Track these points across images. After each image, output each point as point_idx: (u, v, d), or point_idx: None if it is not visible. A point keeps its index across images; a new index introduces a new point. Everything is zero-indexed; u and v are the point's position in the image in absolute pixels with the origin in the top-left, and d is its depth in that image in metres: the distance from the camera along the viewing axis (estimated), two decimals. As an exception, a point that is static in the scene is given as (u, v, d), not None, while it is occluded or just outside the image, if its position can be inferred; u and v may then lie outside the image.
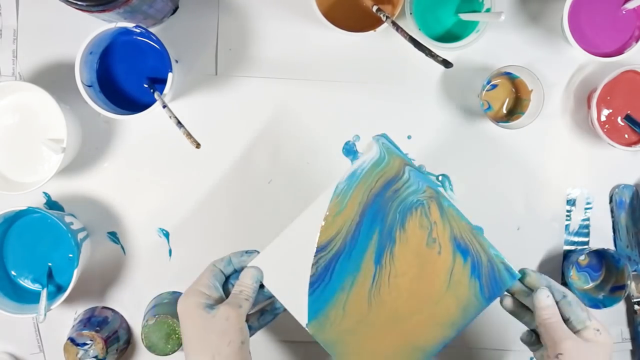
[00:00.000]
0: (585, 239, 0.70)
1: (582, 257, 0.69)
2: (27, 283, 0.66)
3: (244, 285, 0.54)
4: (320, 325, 0.55)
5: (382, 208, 0.55)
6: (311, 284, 0.55)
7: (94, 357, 0.62)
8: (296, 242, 0.56)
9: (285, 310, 0.56)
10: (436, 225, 0.55)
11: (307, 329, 0.56)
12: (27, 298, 0.64)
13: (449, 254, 0.55)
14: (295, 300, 0.55)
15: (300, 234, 0.56)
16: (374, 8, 0.59)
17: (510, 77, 0.66)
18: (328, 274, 0.55)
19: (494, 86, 0.67)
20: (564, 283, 0.68)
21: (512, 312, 0.57)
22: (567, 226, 0.69)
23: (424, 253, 0.55)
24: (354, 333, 0.56)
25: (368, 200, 0.55)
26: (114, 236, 0.68)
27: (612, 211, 0.70)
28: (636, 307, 0.69)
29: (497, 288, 0.55)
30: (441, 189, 0.64)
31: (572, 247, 0.69)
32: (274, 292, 0.56)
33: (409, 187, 0.55)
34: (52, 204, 0.67)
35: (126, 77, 0.62)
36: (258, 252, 0.56)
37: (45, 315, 0.60)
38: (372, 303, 0.55)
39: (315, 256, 0.55)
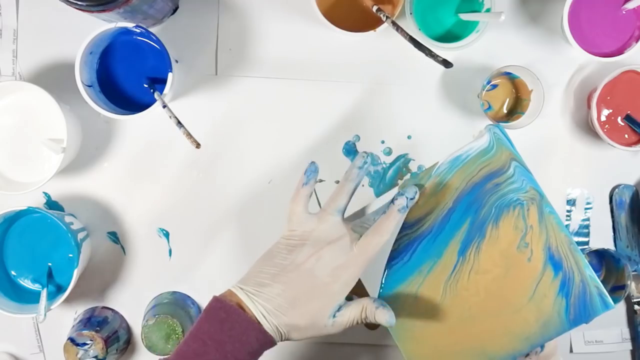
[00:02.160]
0: (585, 239, 0.70)
1: (582, 257, 0.69)
2: (27, 283, 0.66)
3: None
4: (389, 302, 0.52)
5: (478, 199, 0.53)
6: (390, 260, 0.54)
7: (94, 357, 0.62)
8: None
9: None
10: (532, 229, 0.52)
11: None
12: (27, 298, 0.64)
13: (540, 263, 0.51)
14: (370, 273, 0.53)
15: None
16: (374, 8, 0.59)
17: (510, 77, 0.66)
18: (409, 253, 0.53)
19: (494, 86, 0.67)
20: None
21: None
22: (567, 226, 0.69)
23: (512, 256, 0.52)
24: (421, 320, 0.53)
25: (466, 187, 0.53)
26: (114, 236, 0.68)
27: (612, 211, 0.70)
28: (636, 307, 0.69)
29: (584, 313, 0.51)
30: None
31: (572, 247, 0.69)
32: None
33: (512, 183, 0.52)
34: (52, 204, 0.67)
35: (126, 77, 0.62)
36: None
37: (45, 315, 0.60)
38: (446, 294, 0.53)
39: (400, 232, 0.53)
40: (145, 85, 0.61)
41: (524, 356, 0.53)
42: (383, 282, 0.54)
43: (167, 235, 0.68)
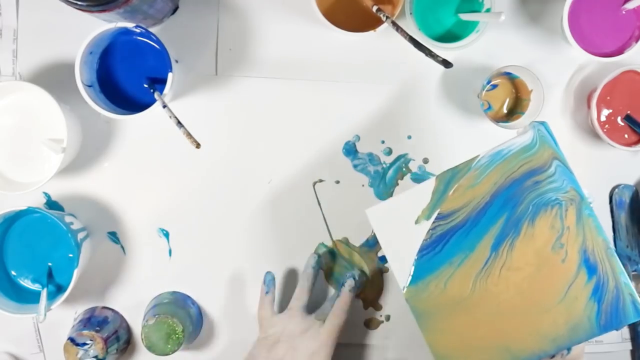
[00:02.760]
0: (585, 239, 0.70)
1: (582, 257, 0.69)
2: (27, 283, 0.66)
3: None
4: (417, 292, 0.53)
5: (516, 195, 0.52)
6: (421, 249, 0.53)
7: (94, 357, 0.62)
8: (419, 202, 0.53)
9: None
10: (568, 231, 0.52)
11: (403, 291, 0.54)
12: (27, 298, 0.64)
13: (574, 265, 0.51)
14: (400, 260, 0.53)
15: (424, 195, 0.53)
16: (374, 8, 0.59)
17: (510, 77, 0.66)
18: (441, 244, 0.53)
19: (494, 86, 0.67)
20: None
21: None
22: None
23: (546, 255, 0.52)
24: (448, 312, 0.53)
25: (504, 183, 0.52)
26: (114, 236, 0.68)
27: (612, 211, 0.70)
28: (636, 307, 0.69)
29: (616, 319, 0.51)
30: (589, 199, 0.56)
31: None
32: (382, 245, 0.54)
33: (552, 182, 0.52)
34: (52, 204, 0.67)
35: (126, 77, 0.62)
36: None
37: (45, 315, 0.60)
38: (475, 288, 0.52)
39: (434, 222, 0.53)
40: (145, 85, 0.61)
41: (549, 357, 0.53)
42: (413, 270, 0.53)
43: (167, 235, 0.68)
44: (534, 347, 0.52)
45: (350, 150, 0.68)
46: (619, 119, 0.66)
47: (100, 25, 0.58)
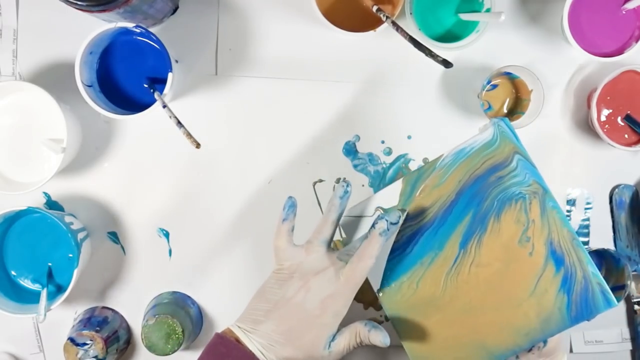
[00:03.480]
0: (585, 239, 0.70)
1: (582, 257, 0.69)
2: (27, 283, 0.66)
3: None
4: (391, 294, 0.54)
5: (481, 192, 0.53)
6: (392, 250, 0.54)
7: (94, 357, 0.62)
8: (388, 204, 0.54)
9: None
10: (534, 224, 0.52)
11: (378, 294, 0.54)
12: (27, 298, 0.64)
13: (541, 258, 0.51)
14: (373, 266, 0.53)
15: (392, 197, 0.54)
16: (374, 8, 0.59)
17: (510, 77, 0.66)
18: (411, 244, 0.54)
19: (494, 86, 0.67)
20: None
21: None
22: (567, 225, 0.69)
23: (513, 250, 0.52)
24: (422, 312, 0.53)
25: (469, 180, 0.53)
26: (114, 236, 0.68)
27: (612, 211, 0.70)
28: (636, 307, 0.69)
29: (586, 310, 0.50)
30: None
31: (572, 247, 0.69)
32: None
33: (515, 176, 0.52)
34: (52, 204, 0.67)
35: (126, 77, 0.62)
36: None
37: (45, 315, 0.60)
38: (446, 287, 0.53)
39: (403, 223, 0.53)
40: (145, 85, 0.61)
41: (526, 351, 0.53)
42: (384, 274, 0.54)
43: (167, 235, 0.68)
44: (509, 342, 0.52)
45: (350, 150, 0.68)
46: (619, 119, 0.66)
47: (100, 25, 0.58)
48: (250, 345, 0.50)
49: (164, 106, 0.56)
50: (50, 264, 0.65)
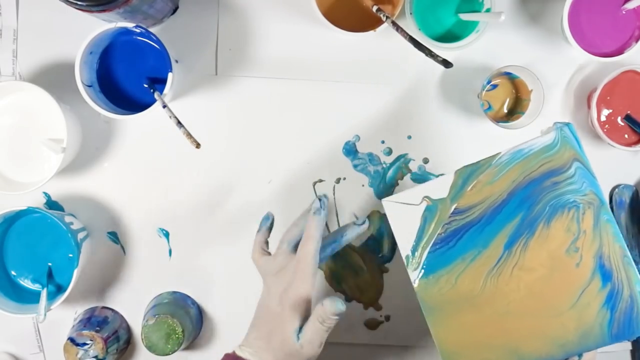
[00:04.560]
0: (585, 239, 0.70)
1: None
2: (27, 283, 0.66)
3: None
4: (427, 286, 0.52)
5: (533, 195, 0.51)
6: (435, 243, 0.53)
7: (94, 357, 0.62)
8: (436, 195, 0.53)
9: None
10: (585, 235, 0.50)
11: (414, 284, 0.53)
12: (27, 298, 0.64)
13: (588, 270, 0.50)
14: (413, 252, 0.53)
15: (441, 189, 0.53)
16: (374, 8, 0.59)
17: (510, 77, 0.66)
18: (455, 239, 0.52)
19: (494, 86, 0.67)
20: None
21: None
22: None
23: (560, 258, 0.51)
24: (457, 309, 0.52)
25: (523, 181, 0.52)
26: (114, 236, 0.68)
27: (612, 211, 0.70)
28: (636, 307, 0.69)
29: (629, 329, 0.49)
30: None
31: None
32: (396, 236, 0.53)
33: (571, 184, 0.51)
34: (52, 204, 0.67)
35: (126, 77, 0.62)
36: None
37: (45, 315, 0.60)
38: (486, 286, 0.52)
39: (450, 216, 0.53)
40: (145, 85, 0.61)
41: None
42: (425, 263, 0.53)
43: (167, 235, 0.68)
44: (542, 351, 0.51)
45: (350, 150, 0.68)
46: (619, 119, 0.66)
47: (100, 25, 0.58)
48: (242, 354, 0.52)
49: (164, 106, 0.56)
50: (50, 264, 0.65)
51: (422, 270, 0.53)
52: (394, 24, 0.56)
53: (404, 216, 0.54)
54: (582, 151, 0.52)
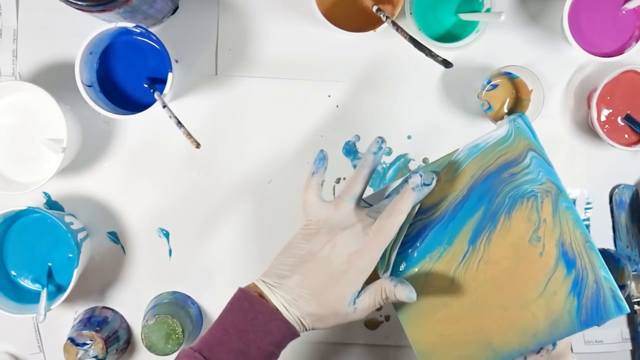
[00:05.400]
0: (585, 239, 0.69)
1: (582, 257, 0.69)
2: (27, 283, 0.66)
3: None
4: None
5: (493, 188, 0.52)
6: (403, 244, 0.53)
7: (94, 357, 0.62)
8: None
9: None
10: (545, 223, 0.50)
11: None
12: (27, 298, 0.64)
13: (552, 259, 0.50)
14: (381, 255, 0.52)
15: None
16: (374, 8, 0.59)
17: (510, 77, 0.66)
18: (420, 238, 0.53)
19: (494, 86, 0.67)
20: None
21: None
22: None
23: (523, 248, 0.51)
24: (428, 307, 0.52)
25: (481, 175, 0.52)
26: (114, 236, 0.68)
27: (612, 211, 0.70)
28: (636, 307, 0.69)
29: (597, 315, 0.49)
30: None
31: (572, 247, 0.69)
32: None
33: (527, 174, 0.51)
34: (52, 204, 0.67)
35: (126, 77, 0.62)
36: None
37: (45, 315, 0.60)
38: (453, 282, 0.52)
39: (415, 217, 0.53)
40: (145, 85, 0.61)
41: (535, 353, 0.52)
42: (392, 265, 0.53)
43: (167, 235, 0.68)
44: (514, 342, 0.51)
45: (350, 150, 0.68)
46: (619, 119, 0.66)
47: (100, 25, 0.58)
48: (274, 299, 0.49)
49: (164, 106, 0.56)
50: (50, 264, 0.65)
51: (390, 271, 0.53)
52: (394, 24, 0.56)
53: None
54: (537, 140, 0.52)
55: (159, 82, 0.60)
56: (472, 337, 0.52)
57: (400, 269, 0.53)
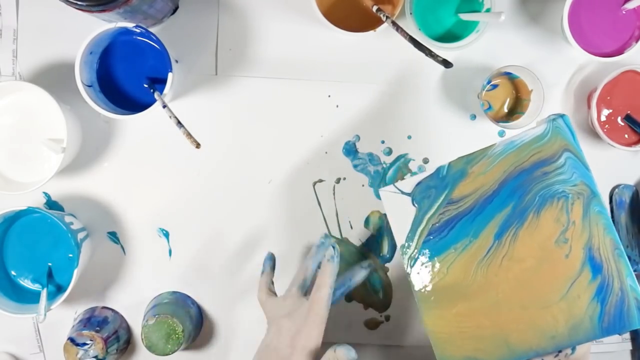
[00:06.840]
0: (585, 239, 0.70)
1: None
2: (27, 283, 0.66)
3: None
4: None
5: (524, 185, 0.51)
6: (429, 232, 0.53)
7: (94, 357, 0.62)
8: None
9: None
10: (574, 225, 0.50)
11: (408, 271, 0.53)
12: (27, 298, 0.64)
13: (578, 262, 0.50)
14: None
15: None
16: (374, 8, 0.59)
17: (510, 77, 0.66)
18: (447, 228, 0.53)
19: (494, 86, 0.67)
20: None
21: None
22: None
23: (549, 249, 0.50)
24: (447, 298, 0.52)
25: (514, 172, 0.52)
26: (114, 236, 0.68)
27: (612, 211, 0.70)
28: (636, 307, 0.69)
29: (619, 323, 0.49)
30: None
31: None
32: (392, 225, 0.54)
33: (560, 174, 0.51)
34: (52, 204, 0.67)
35: (126, 77, 0.62)
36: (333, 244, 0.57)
37: (45, 315, 0.60)
38: (476, 276, 0.52)
39: (443, 207, 0.53)
40: (145, 85, 0.61)
41: (552, 356, 0.52)
42: (418, 252, 0.53)
43: (167, 235, 0.68)
44: (532, 343, 0.50)
45: (350, 150, 0.68)
46: (619, 119, 0.66)
47: (100, 25, 0.58)
48: None
49: (164, 106, 0.56)
50: (50, 264, 0.65)
51: (415, 259, 0.53)
52: (394, 24, 0.56)
53: (401, 206, 0.54)
54: (576, 142, 0.52)
55: (159, 82, 0.60)
56: (489, 332, 0.51)
57: (426, 257, 0.53)
